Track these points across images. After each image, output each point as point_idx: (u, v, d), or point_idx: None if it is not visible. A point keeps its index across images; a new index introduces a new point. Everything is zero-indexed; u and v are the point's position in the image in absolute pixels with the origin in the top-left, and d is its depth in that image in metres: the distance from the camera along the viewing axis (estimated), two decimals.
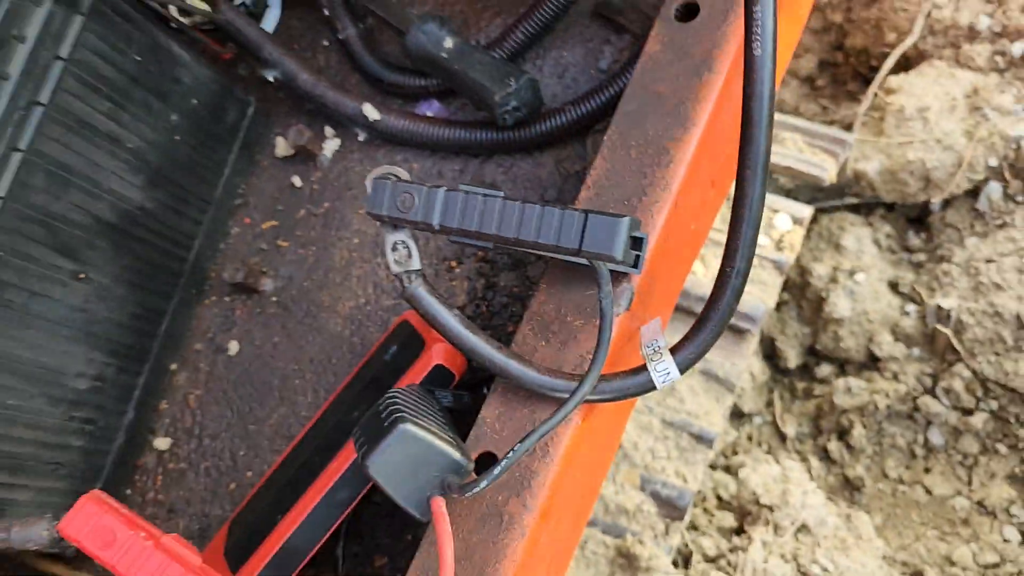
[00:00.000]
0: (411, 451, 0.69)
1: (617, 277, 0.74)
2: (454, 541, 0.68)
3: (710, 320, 0.70)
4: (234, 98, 1.05)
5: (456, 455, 0.70)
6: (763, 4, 0.62)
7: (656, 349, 0.72)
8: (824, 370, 2.01)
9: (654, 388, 0.72)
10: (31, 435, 0.90)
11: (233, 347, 1.06)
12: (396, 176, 0.73)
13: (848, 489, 1.93)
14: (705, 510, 1.75)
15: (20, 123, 0.81)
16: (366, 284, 1.03)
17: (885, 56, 2.09)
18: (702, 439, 1.43)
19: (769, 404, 2.02)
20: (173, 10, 1.01)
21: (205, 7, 0.98)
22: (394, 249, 0.73)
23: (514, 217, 0.68)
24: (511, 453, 0.66)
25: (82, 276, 0.91)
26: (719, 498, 1.77)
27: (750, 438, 1.96)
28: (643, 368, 0.71)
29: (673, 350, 0.71)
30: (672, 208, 0.78)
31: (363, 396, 0.93)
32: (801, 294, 2.02)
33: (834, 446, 1.94)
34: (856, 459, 1.93)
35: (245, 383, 1.04)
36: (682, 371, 0.71)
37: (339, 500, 0.86)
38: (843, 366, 2.00)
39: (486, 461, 0.74)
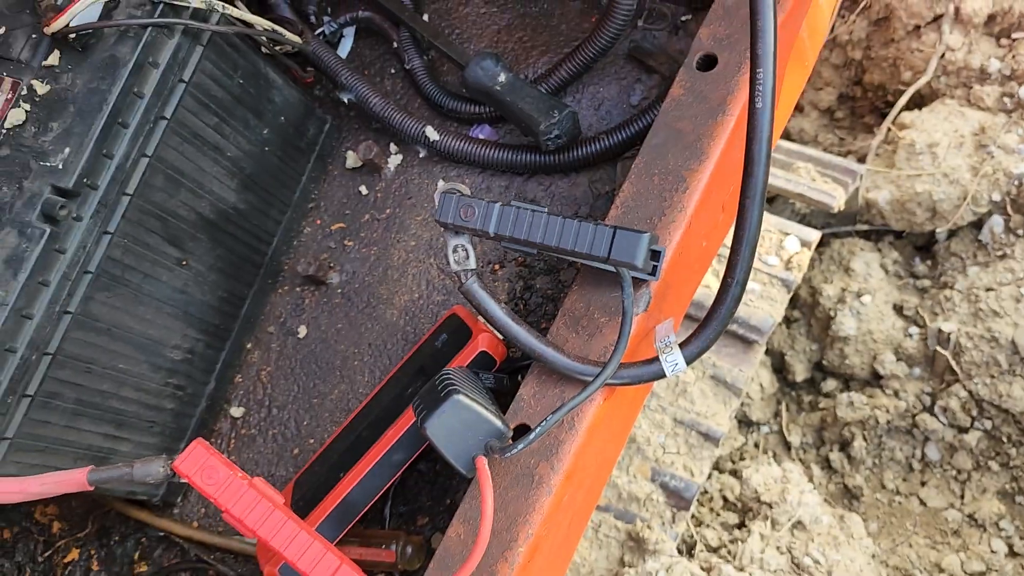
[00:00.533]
0: (461, 417, 0.84)
1: (637, 283, 0.89)
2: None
3: (713, 321, 0.85)
4: (315, 116, 1.22)
5: (498, 423, 0.85)
6: (764, 68, 0.77)
7: (667, 344, 0.86)
8: (829, 384, 2.14)
9: (664, 376, 0.86)
10: (135, 396, 1.06)
11: (302, 331, 1.22)
12: (459, 191, 0.88)
13: (847, 497, 2.05)
14: (711, 509, 1.89)
15: (148, 134, 0.97)
16: (420, 281, 1.19)
17: (900, 93, 2.22)
18: (709, 437, 1.57)
19: (776, 414, 2.15)
20: (262, 37, 1.17)
21: (297, 39, 1.15)
22: (454, 251, 0.89)
23: (556, 229, 0.83)
24: (544, 422, 0.81)
25: (184, 263, 1.07)
26: (724, 499, 1.90)
27: (757, 445, 2.10)
28: (656, 359, 0.86)
29: (681, 345, 0.86)
30: (687, 227, 0.92)
31: (415, 377, 1.08)
32: (811, 312, 2.16)
33: (836, 456, 2.08)
34: (856, 469, 2.06)
35: (311, 362, 1.20)
36: (688, 363, 0.86)
37: (393, 462, 1.01)
38: (847, 382, 2.14)
39: (522, 431, 0.89)
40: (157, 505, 1.17)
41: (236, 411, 1.21)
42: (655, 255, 0.85)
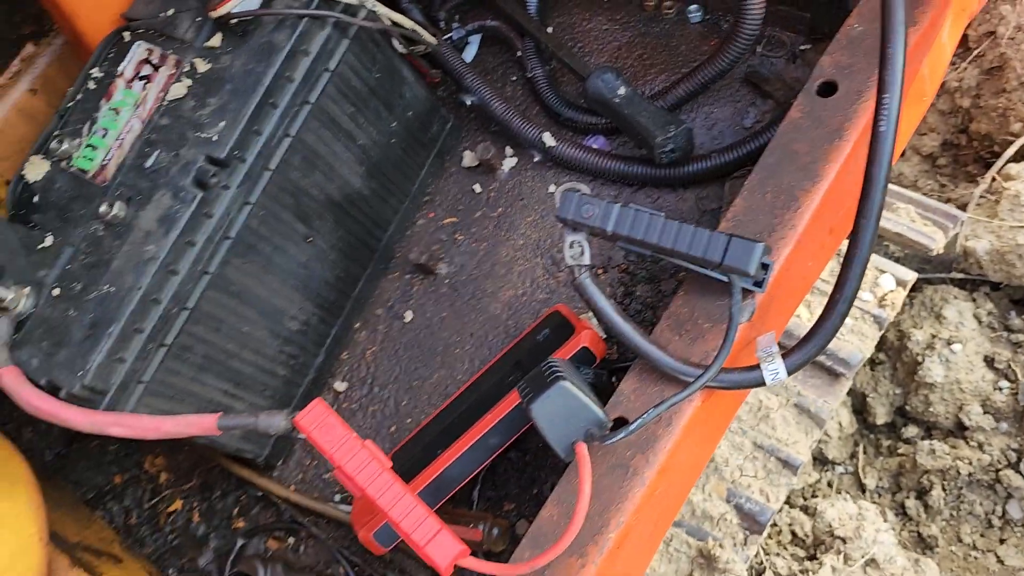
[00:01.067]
0: (565, 403, 0.88)
1: (744, 293, 0.92)
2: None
3: (816, 335, 0.87)
4: (439, 115, 1.29)
5: (599, 412, 0.89)
6: (891, 93, 0.80)
7: (769, 353, 0.89)
8: (911, 431, 2.10)
9: (763, 383, 0.89)
10: (253, 358, 1.14)
11: (408, 316, 1.28)
12: (580, 190, 0.93)
13: (921, 546, 2.01)
14: (779, 543, 1.88)
15: (294, 116, 1.05)
16: (525, 279, 1.24)
17: (1008, 144, 2.19)
18: (788, 464, 1.57)
19: (853, 455, 2.13)
20: (398, 36, 1.25)
21: (433, 40, 1.22)
22: (571, 246, 0.93)
23: (672, 232, 0.88)
24: (645, 415, 0.85)
25: (310, 240, 1.15)
26: (793, 534, 1.89)
27: (830, 484, 2.08)
28: (756, 367, 0.89)
29: (783, 356, 0.89)
30: (795, 245, 0.95)
31: (513, 369, 1.13)
32: (897, 356, 2.13)
33: (912, 503, 2.04)
34: (932, 519, 2.02)
35: (414, 346, 1.26)
36: (790, 373, 0.88)
37: (489, 445, 1.06)
38: (930, 429, 2.10)
39: (620, 423, 0.93)
40: (259, 465, 1.24)
41: (340, 385, 1.28)
42: (764, 267, 0.88)
